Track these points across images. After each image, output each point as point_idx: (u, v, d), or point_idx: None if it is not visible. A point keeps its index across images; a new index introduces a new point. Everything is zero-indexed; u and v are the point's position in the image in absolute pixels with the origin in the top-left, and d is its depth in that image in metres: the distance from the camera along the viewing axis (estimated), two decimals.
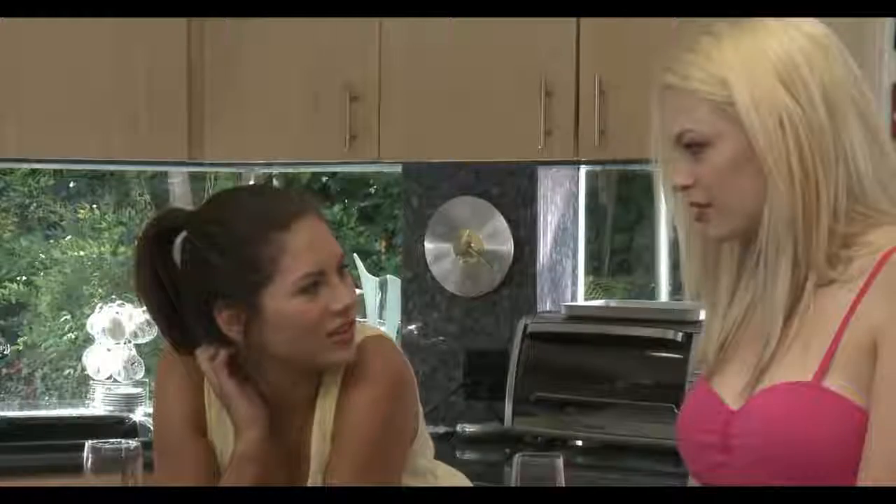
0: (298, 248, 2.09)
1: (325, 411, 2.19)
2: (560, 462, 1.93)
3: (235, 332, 2.13)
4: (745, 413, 1.77)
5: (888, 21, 3.51)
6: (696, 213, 1.80)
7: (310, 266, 2.10)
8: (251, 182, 4.73)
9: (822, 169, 1.74)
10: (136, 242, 2.23)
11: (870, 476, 1.68)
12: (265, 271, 2.09)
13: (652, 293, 7.10)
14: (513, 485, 1.90)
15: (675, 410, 3.46)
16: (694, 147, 1.77)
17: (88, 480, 2.02)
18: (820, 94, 1.75)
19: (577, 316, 3.88)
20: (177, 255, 2.17)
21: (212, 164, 4.50)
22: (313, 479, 2.18)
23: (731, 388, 1.81)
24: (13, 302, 8.44)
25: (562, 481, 1.91)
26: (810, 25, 1.79)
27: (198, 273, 2.14)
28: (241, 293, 2.11)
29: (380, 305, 4.48)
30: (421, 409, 2.27)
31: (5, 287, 8.38)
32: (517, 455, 1.93)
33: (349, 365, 2.17)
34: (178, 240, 2.18)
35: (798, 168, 1.73)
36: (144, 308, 2.23)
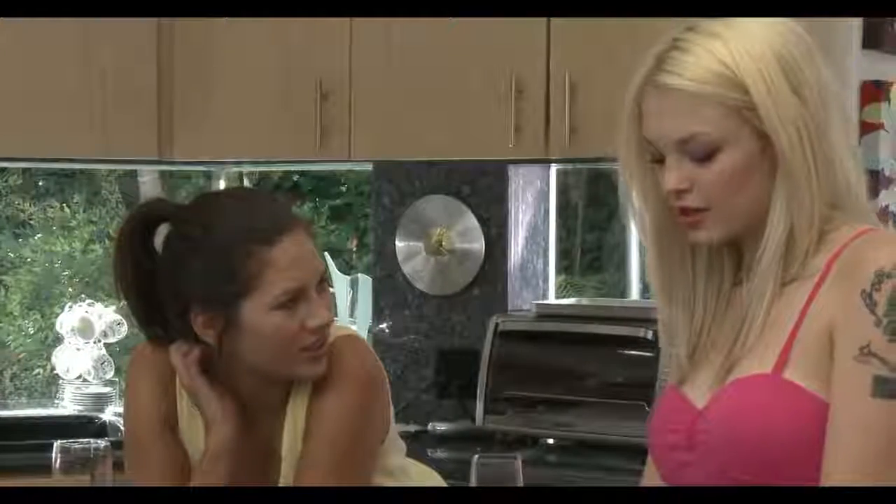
0: (281, 265, 2.08)
1: (297, 410, 2.19)
2: (518, 463, 1.92)
3: (209, 337, 2.13)
4: (708, 410, 1.78)
5: (857, 21, 3.53)
6: (688, 219, 1.78)
7: (291, 283, 2.09)
8: (221, 180, 4.73)
9: (824, 170, 1.75)
10: (119, 230, 2.21)
11: (832, 469, 1.68)
12: (245, 284, 2.08)
13: (623, 291, 7.11)
14: (471, 485, 1.90)
15: (647, 408, 3.47)
16: (698, 151, 1.74)
17: (57, 480, 2.02)
18: (817, 93, 1.75)
19: (548, 314, 3.89)
20: (159, 248, 2.16)
21: (182, 163, 4.49)
22: (286, 479, 2.18)
23: (698, 390, 1.81)
24: None
25: (520, 482, 1.91)
26: (791, 24, 1.79)
27: (177, 273, 2.13)
28: (219, 301, 2.10)
29: (351, 304, 4.48)
30: (392, 408, 2.27)
31: None
32: (475, 456, 1.92)
33: None
34: (162, 231, 2.17)
35: (814, 170, 1.73)
36: (122, 297, 2.22)
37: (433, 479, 2.40)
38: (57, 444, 2.04)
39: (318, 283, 2.13)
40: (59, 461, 2.02)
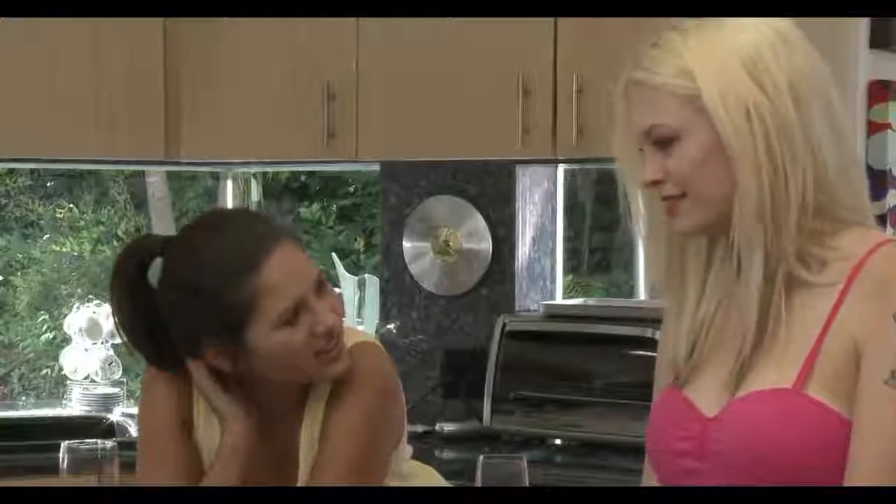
0: (271, 287, 2.08)
1: (314, 415, 2.19)
2: (524, 463, 1.92)
3: (225, 365, 2.14)
4: (724, 420, 1.76)
5: (864, 20, 3.53)
6: (667, 207, 1.79)
7: (285, 301, 2.09)
8: (229, 181, 4.73)
9: (789, 159, 1.73)
10: (113, 278, 2.20)
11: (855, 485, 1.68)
12: (242, 314, 2.09)
13: (630, 292, 7.10)
14: (477, 485, 1.90)
15: None
16: (663, 141, 1.77)
17: (65, 481, 2.02)
18: (786, 85, 1.74)
19: (555, 314, 3.88)
20: (156, 291, 2.16)
21: (189, 163, 4.50)
22: (302, 482, 2.18)
23: (705, 395, 1.79)
24: None
25: (525, 482, 1.91)
26: (772, 21, 1.79)
27: (178, 317, 2.14)
28: (224, 334, 2.11)
29: (358, 304, 4.47)
30: (406, 415, 2.29)
31: None
32: (480, 456, 1.92)
33: None
34: (155, 267, 2.16)
35: (765, 158, 1.73)
36: (128, 343, 2.21)
37: (435, 481, 2.41)
38: (64, 444, 2.04)
39: (315, 288, 2.12)
40: (66, 462, 2.03)
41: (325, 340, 2.12)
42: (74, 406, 4.36)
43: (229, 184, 4.74)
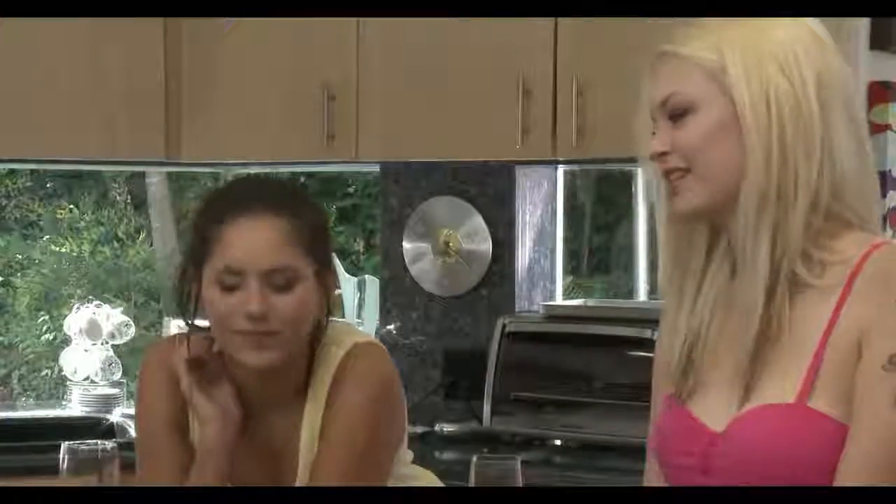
0: (226, 244, 2.14)
1: (313, 415, 2.19)
2: (518, 463, 1.92)
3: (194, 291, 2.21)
4: (729, 436, 1.75)
5: (865, 21, 3.53)
6: (671, 185, 1.79)
7: (227, 262, 2.13)
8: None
9: (802, 153, 1.73)
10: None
11: (848, 476, 1.67)
12: (203, 253, 2.16)
13: (630, 293, 7.11)
14: (471, 485, 1.90)
15: None
16: (677, 113, 1.77)
17: (65, 482, 2.02)
18: (813, 82, 1.75)
19: (555, 315, 3.89)
20: None
21: (189, 164, 4.50)
22: (301, 479, 2.18)
23: (710, 409, 1.78)
24: None
25: (520, 482, 1.90)
26: (803, 21, 1.80)
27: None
28: (193, 261, 2.20)
29: (358, 305, 4.47)
30: (406, 418, 2.28)
31: None
32: (474, 457, 1.92)
33: (339, 370, 2.18)
34: None
35: (777, 146, 1.73)
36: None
37: (434, 484, 2.41)
38: (64, 445, 2.04)
39: (265, 275, 2.12)
40: (66, 462, 2.02)
41: (249, 324, 2.12)
42: (74, 407, 4.36)
43: None
